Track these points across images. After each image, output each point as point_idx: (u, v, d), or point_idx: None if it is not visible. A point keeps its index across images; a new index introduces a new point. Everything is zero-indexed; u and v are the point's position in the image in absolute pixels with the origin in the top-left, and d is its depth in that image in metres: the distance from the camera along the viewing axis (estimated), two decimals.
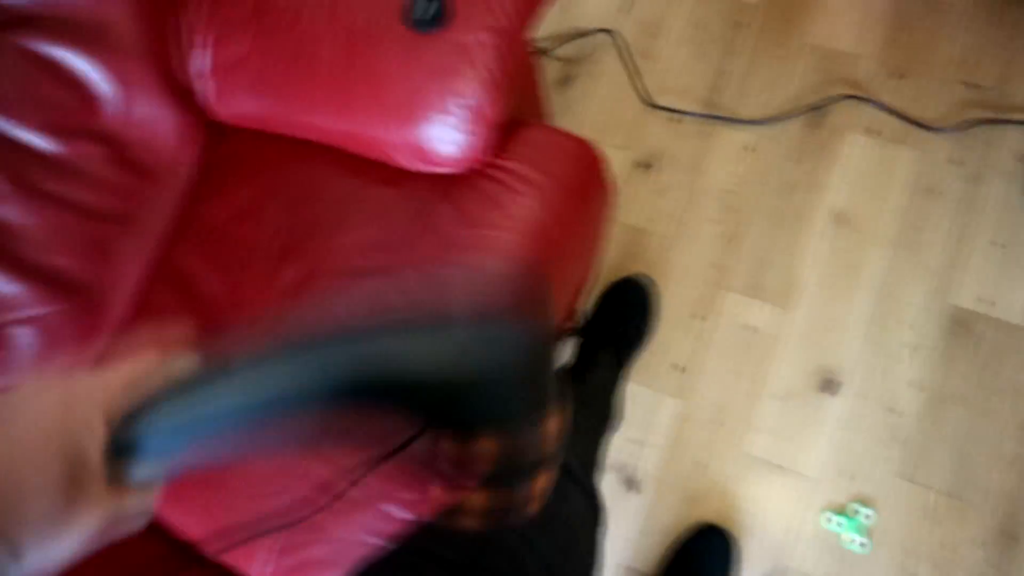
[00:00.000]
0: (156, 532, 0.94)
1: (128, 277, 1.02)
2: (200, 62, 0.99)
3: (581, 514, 0.67)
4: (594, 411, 1.04)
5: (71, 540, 0.36)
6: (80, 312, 0.98)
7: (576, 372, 1.10)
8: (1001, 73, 1.33)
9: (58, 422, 0.36)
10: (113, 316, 1.00)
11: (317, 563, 0.84)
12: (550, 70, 1.48)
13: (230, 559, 0.90)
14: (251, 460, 0.37)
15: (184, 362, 0.40)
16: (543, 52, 1.48)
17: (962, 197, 1.28)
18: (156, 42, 0.98)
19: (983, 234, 1.26)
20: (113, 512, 0.37)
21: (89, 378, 0.39)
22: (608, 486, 1.27)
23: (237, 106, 0.99)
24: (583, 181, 0.95)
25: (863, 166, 1.32)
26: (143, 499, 0.39)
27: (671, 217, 1.35)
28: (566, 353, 1.27)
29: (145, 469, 0.38)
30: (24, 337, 0.94)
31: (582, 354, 1.20)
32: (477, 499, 0.41)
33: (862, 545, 1.18)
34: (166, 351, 0.40)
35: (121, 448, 0.37)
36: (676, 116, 1.40)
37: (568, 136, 0.95)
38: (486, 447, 0.40)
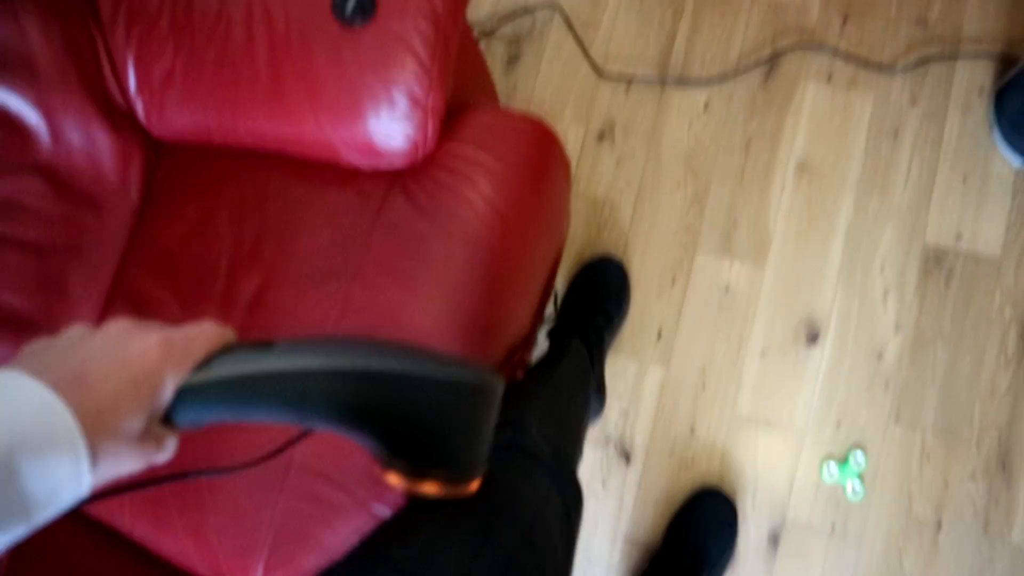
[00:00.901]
0: (146, 559, 0.92)
1: (84, 308, 0.99)
2: (129, 81, 0.96)
3: (550, 504, 0.66)
4: (569, 400, 1.03)
5: (130, 464, 0.41)
6: None
7: (550, 360, 1.08)
8: (947, 7, 1.32)
9: (158, 362, 0.42)
10: None
11: (309, 571, 0.82)
12: (496, 50, 1.46)
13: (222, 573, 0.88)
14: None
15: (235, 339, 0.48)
16: (487, 33, 1.45)
17: (922, 135, 1.28)
18: (80, 67, 0.95)
19: (946, 169, 1.26)
20: (159, 446, 0.43)
21: (183, 334, 0.44)
22: (602, 459, 1.26)
23: (172, 122, 0.96)
24: (538, 160, 0.93)
25: (820, 114, 1.31)
26: (175, 441, 0.45)
27: (635, 185, 1.34)
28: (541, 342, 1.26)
29: (190, 417, 0.44)
30: None
31: (556, 342, 1.18)
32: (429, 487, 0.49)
33: (854, 491, 1.18)
34: (227, 333, 0.47)
35: (179, 397, 0.43)
36: (628, 83, 1.38)
37: (518, 116, 0.93)
38: (430, 488, 0.48)
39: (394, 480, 0.49)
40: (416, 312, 0.84)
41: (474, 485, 0.51)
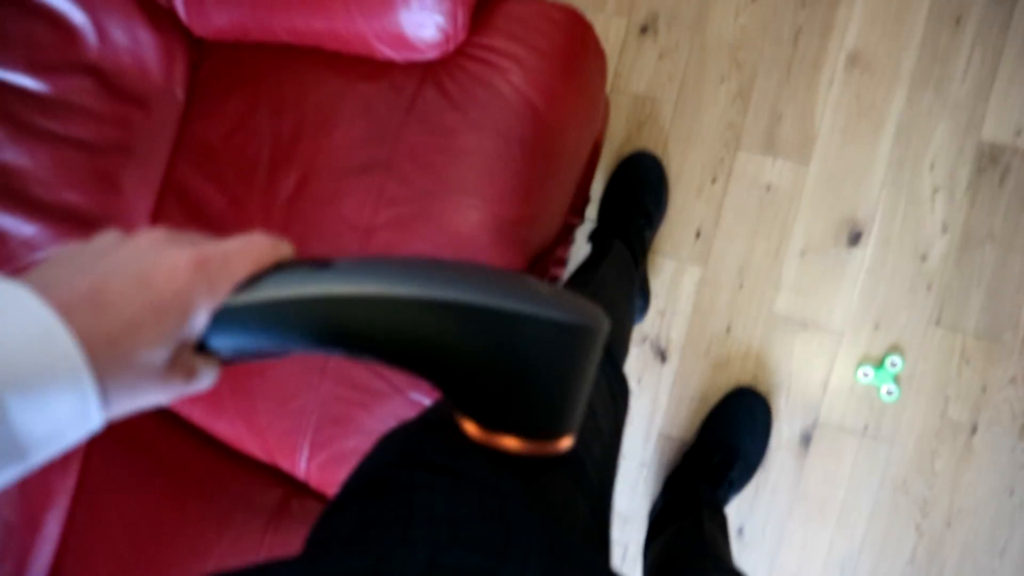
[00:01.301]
0: (201, 438, 0.99)
1: (138, 204, 1.03)
2: None
3: (596, 387, 0.67)
4: (613, 298, 1.04)
5: (154, 397, 0.36)
6: None
7: (593, 261, 1.09)
8: None
9: (187, 282, 0.36)
10: None
11: (350, 453, 0.88)
12: None
13: (272, 458, 0.95)
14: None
15: (290, 256, 0.42)
16: None
17: (987, 23, 1.20)
18: None
19: (1010, 61, 1.19)
20: (191, 377, 0.38)
21: (221, 247, 0.38)
22: (638, 357, 1.29)
23: (211, 20, 0.97)
24: (571, 50, 0.91)
25: (875, 1, 1.24)
26: (215, 371, 0.40)
27: (677, 80, 1.31)
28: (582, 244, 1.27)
29: (228, 345, 0.39)
30: None
31: (598, 243, 1.18)
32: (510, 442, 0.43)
33: (889, 393, 1.18)
34: (279, 248, 0.41)
35: (218, 319, 0.38)
36: None
37: (550, 5, 0.91)
38: (510, 443, 0.42)
39: (470, 429, 0.43)
40: (448, 204, 0.86)
41: (565, 443, 0.43)
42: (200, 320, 0.37)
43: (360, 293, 0.38)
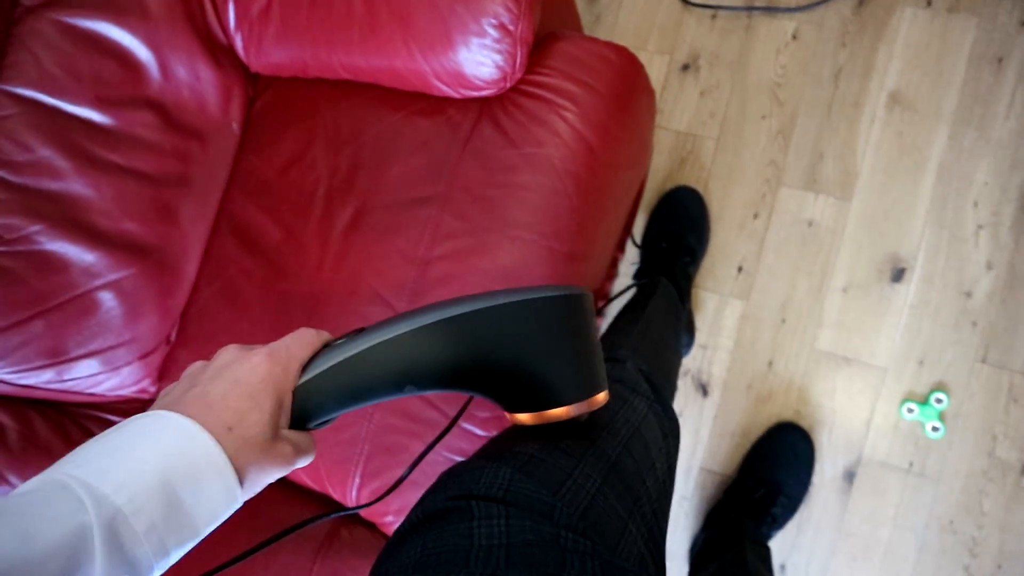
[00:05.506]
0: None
1: (194, 234, 1.06)
2: (230, 18, 1.01)
3: (647, 424, 0.67)
4: (661, 336, 1.05)
5: (275, 471, 0.44)
6: (155, 272, 1.03)
7: (641, 300, 1.10)
8: None
9: (267, 372, 0.46)
10: (186, 272, 1.05)
11: (403, 483, 0.88)
12: None
13: (324, 487, 0.96)
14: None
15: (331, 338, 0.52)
16: None
17: None
18: (185, 6, 0.99)
19: None
20: (298, 450, 0.47)
21: (282, 342, 0.49)
22: (680, 391, 1.29)
23: (269, 57, 1.00)
24: (623, 89, 0.93)
25: (917, 41, 1.26)
26: (311, 440, 0.49)
27: (719, 117, 1.32)
28: (628, 278, 1.28)
29: (314, 415, 0.48)
30: (108, 301, 1.00)
31: (644, 281, 1.19)
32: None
33: (935, 429, 1.17)
34: (322, 335, 0.51)
35: (298, 399, 0.48)
36: (714, 12, 1.35)
37: (603, 44, 0.93)
38: (559, 413, 0.50)
39: (523, 419, 0.51)
40: (504, 238, 0.87)
41: (601, 397, 0.52)
42: (287, 399, 0.47)
43: (387, 338, 0.48)
